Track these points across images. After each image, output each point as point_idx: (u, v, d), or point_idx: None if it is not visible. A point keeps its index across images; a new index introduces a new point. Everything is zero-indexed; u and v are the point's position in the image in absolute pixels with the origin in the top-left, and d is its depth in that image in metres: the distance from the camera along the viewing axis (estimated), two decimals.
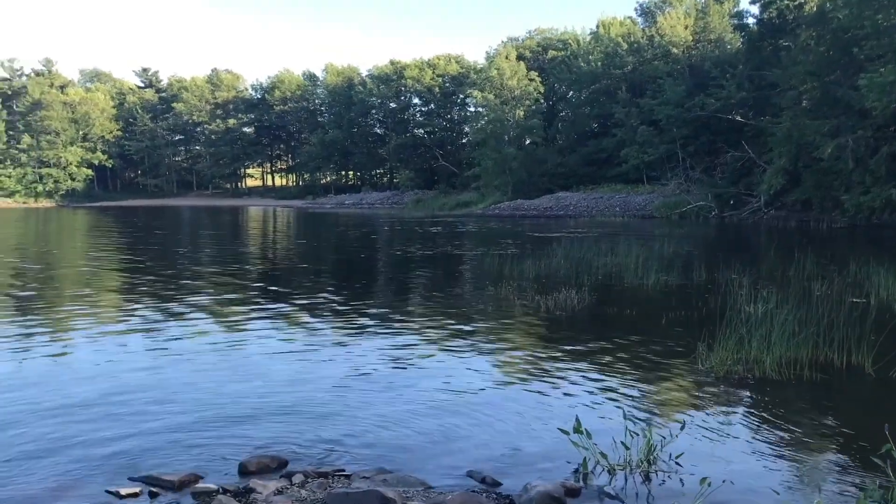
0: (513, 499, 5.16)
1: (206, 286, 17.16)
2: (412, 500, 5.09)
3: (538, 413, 7.19)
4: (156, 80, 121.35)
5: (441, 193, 78.27)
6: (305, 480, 5.55)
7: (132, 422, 6.79)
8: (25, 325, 11.90)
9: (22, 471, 5.63)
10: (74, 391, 7.83)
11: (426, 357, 9.59)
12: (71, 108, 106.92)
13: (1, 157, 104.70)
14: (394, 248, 29.16)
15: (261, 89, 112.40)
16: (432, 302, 14.80)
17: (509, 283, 15.81)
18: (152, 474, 5.53)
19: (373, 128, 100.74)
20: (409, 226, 43.46)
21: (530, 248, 24.91)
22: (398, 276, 20.12)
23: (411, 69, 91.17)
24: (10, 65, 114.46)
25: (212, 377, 8.55)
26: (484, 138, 70.61)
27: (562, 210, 57.04)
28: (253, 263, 23.41)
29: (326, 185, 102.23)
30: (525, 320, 12.51)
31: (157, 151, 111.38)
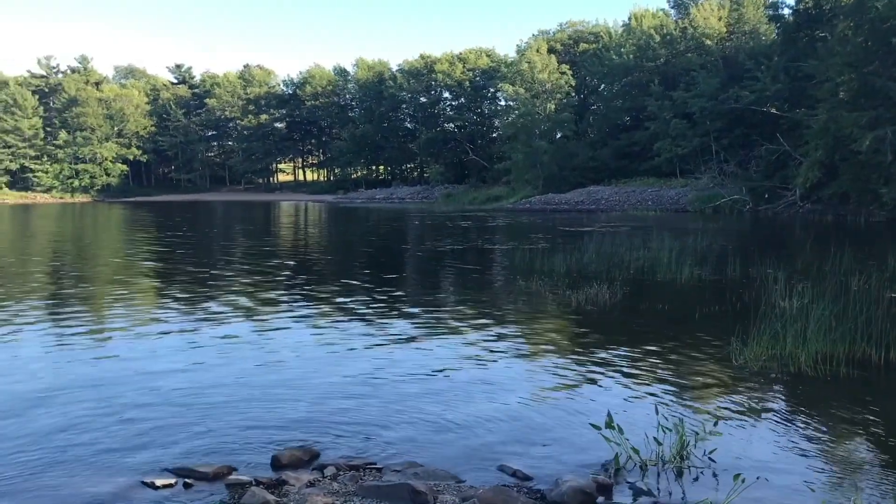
0: (544, 493, 5.15)
1: (238, 280, 17.33)
2: (443, 494, 5.10)
3: (569, 408, 7.16)
4: (189, 77, 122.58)
5: (471, 188, 78.16)
6: (337, 473, 5.59)
7: (167, 414, 6.89)
8: (63, 319, 12.11)
9: (60, 461, 5.74)
10: (109, 384, 7.95)
11: (456, 351, 9.59)
12: (106, 105, 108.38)
13: (38, 153, 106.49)
14: (424, 242, 29.19)
15: (292, 84, 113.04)
16: (463, 296, 14.79)
17: (540, 277, 15.76)
18: (187, 466, 5.61)
19: (403, 122, 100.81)
20: (440, 220, 43.48)
21: (561, 242, 24.80)
22: (428, 270, 20.14)
23: (442, 63, 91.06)
24: (47, 62, 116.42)
25: (244, 370, 8.63)
26: (514, 132, 70.32)
27: (593, 204, 56.64)
28: (285, 258, 23.58)
29: (357, 180, 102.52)
30: (556, 315, 12.46)
31: (191, 147, 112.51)
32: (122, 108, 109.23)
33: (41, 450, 5.96)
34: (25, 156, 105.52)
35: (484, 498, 4.82)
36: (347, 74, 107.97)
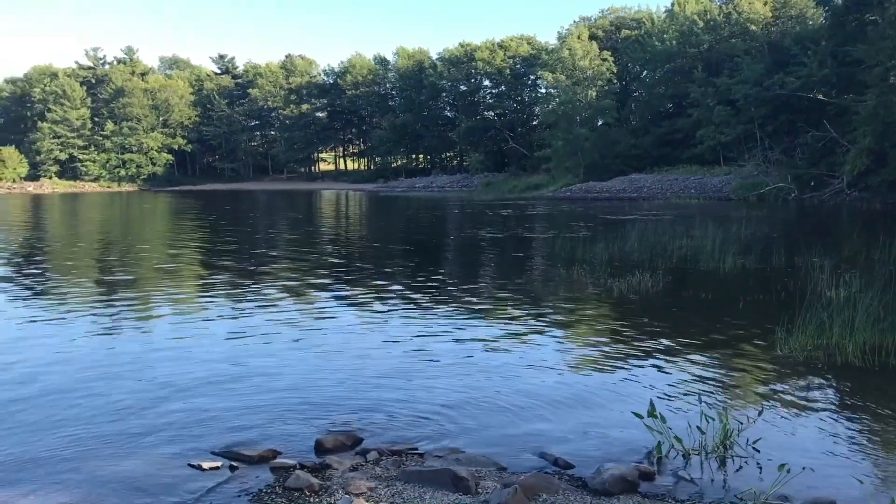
0: (585, 481, 5.16)
1: (281, 267, 17.54)
2: (484, 480, 5.14)
3: (611, 396, 7.14)
4: (232, 67, 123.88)
5: (511, 176, 77.86)
6: (380, 458, 5.66)
7: (213, 398, 7.02)
8: (111, 305, 12.39)
9: (107, 444, 5.89)
10: (157, 368, 8.13)
11: (497, 339, 9.61)
12: (151, 95, 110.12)
13: (86, 143, 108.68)
14: (464, 230, 29.21)
15: (333, 74, 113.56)
16: (502, 284, 14.79)
17: (581, 266, 15.69)
18: (233, 449, 5.72)
19: (443, 111, 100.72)
20: (479, 209, 43.44)
21: (602, 230, 24.63)
22: (468, 258, 20.16)
23: (482, 51, 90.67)
24: (94, 54, 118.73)
25: (287, 355, 8.76)
26: (555, 120, 69.85)
27: (635, 192, 56.08)
28: (327, 246, 23.79)
29: (397, 169, 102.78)
30: (597, 303, 12.41)
31: (234, 136, 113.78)
32: (167, 98, 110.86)
33: (90, 433, 6.12)
34: (74, 146, 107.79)
35: (526, 484, 4.84)
36: (388, 63, 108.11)
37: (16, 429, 6.19)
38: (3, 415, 6.53)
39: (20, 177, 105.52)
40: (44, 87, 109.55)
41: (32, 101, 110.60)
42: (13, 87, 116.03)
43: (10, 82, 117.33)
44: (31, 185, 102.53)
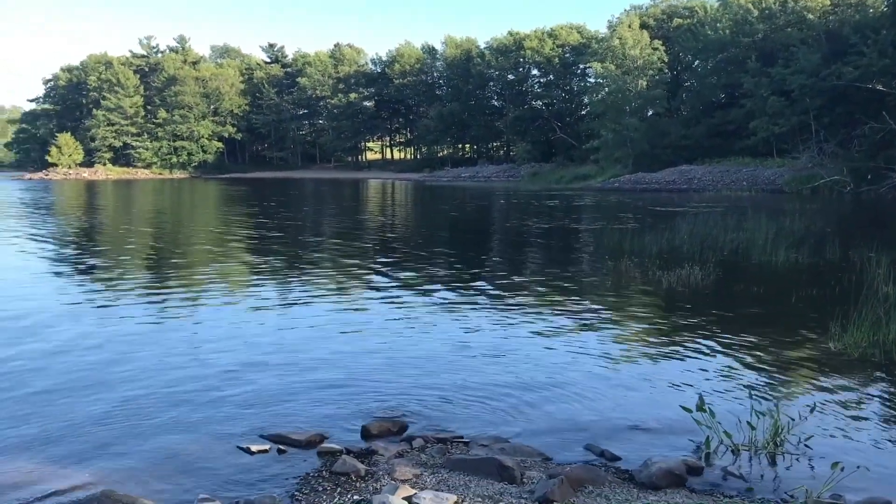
0: (632, 473, 5.11)
1: (329, 255, 17.71)
2: (530, 470, 5.13)
3: (659, 389, 7.07)
4: (281, 56, 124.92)
5: (558, 166, 77.22)
6: (425, 445, 5.68)
7: (262, 384, 7.13)
8: (164, 290, 12.65)
9: (160, 425, 6.02)
10: (208, 353, 8.28)
11: (543, 329, 9.57)
12: (203, 84, 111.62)
13: (139, 130, 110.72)
14: (510, 221, 29.11)
15: (381, 63, 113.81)
16: (549, 275, 14.70)
17: (629, 257, 15.52)
18: (281, 433, 5.80)
19: (490, 100, 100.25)
20: (525, 199, 43.24)
21: (651, 222, 24.33)
22: (514, 248, 20.09)
23: (531, 40, 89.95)
24: (148, 42, 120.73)
25: (334, 342, 8.85)
26: (604, 110, 69.01)
27: (685, 184, 55.20)
28: (373, 235, 23.93)
29: (443, 158, 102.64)
30: (646, 295, 12.27)
31: (283, 125, 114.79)
32: (218, 86, 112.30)
33: (141, 413, 6.26)
34: (127, 133, 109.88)
35: (572, 476, 4.82)
36: (436, 52, 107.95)
37: (70, 406, 6.36)
38: (58, 392, 6.71)
39: (75, 163, 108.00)
40: (99, 76, 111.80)
41: (88, 89, 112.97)
42: (69, 75, 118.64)
43: (67, 70, 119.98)
44: (86, 172, 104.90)
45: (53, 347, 8.42)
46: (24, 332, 9.20)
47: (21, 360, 7.85)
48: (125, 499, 4.49)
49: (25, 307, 10.78)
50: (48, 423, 5.98)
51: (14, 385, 6.96)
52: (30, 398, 6.59)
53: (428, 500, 4.42)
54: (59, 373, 7.39)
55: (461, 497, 4.60)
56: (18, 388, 6.89)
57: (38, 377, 7.23)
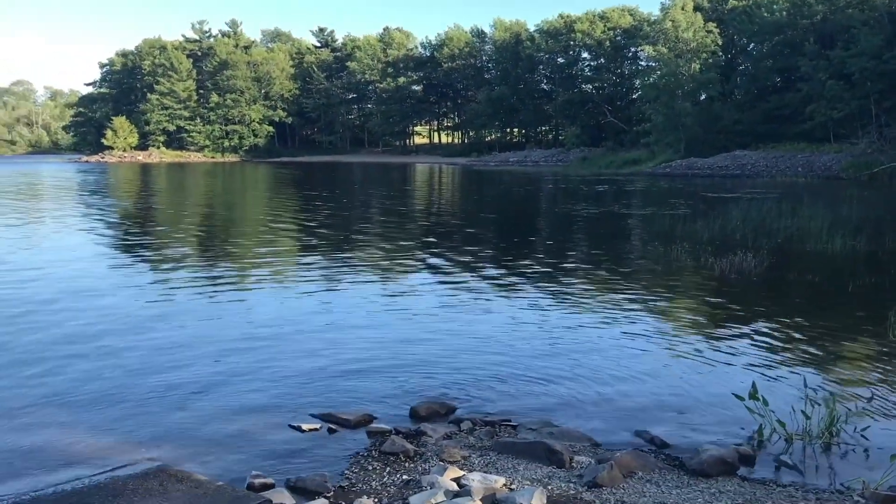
0: (683, 461, 5.06)
1: (375, 239, 17.82)
2: (579, 455, 5.11)
3: (710, 377, 6.97)
4: (331, 40, 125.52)
5: (608, 151, 76.34)
6: (473, 428, 5.70)
7: (312, 364, 7.22)
8: (215, 270, 12.89)
9: (214, 404, 6.14)
10: (259, 332, 8.42)
11: (591, 314, 9.51)
12: (254, 68, 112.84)
13: (192, 114, 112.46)
14: (558, 206, 28.92)
15: (430, 47, 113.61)
16: (598, 260, 14.59)
17: (680, 244, 15.30)
18: (331, 412, 5.87)
19: (539, 84, 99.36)
20: (574, 184, 42.90)
21: (703, 208, 23.94)
22: (562, 233, 19.97)
23: (582, 22, 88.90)
24: (200, 27, 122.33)
25: (383, 324, 8.92)
26: (656, 94, 67.95)
27: (738, 169, 54.15)
28: (420, 218, 24.00)
29: (491, 143, 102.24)
30: (697, 282, 12.10)
31: (332, 109, 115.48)
32: (269, 71, 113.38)
33: (195, 392, 6.39)
34: (181, 117, 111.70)
35: (621, 462, 4.79)
36: (485, 36, 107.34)
37: (126, 385, 6.53)
38: (114, 371, 6.89)
39: (130, 146, 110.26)
40: (153, 60, 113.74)
41: (142, 73, 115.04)
42: (124, 59, 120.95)
43: (122, 55, 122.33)
44: (141, 155, 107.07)
45: (105, 327, 8.63)
46: (80, 312, 9.46)
47: (78, 340, 8.07)
48: (180, 474, 4.59)
49: (83, 286, 11.09)
50: (107, 401, 6.14)
51: (70, 363, 7.16)
52: (87, 378, 6.77)
53: (476, 481, 4.44)
54: (114, 352, 7.58)
55: (509, 479, 4.61)
56: (74, 366, 7.08)
57: (96, 356, 7.43)
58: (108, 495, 4.23)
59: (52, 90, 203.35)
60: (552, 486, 4.54)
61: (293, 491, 4.51)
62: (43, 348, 7.60)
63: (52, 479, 4.62)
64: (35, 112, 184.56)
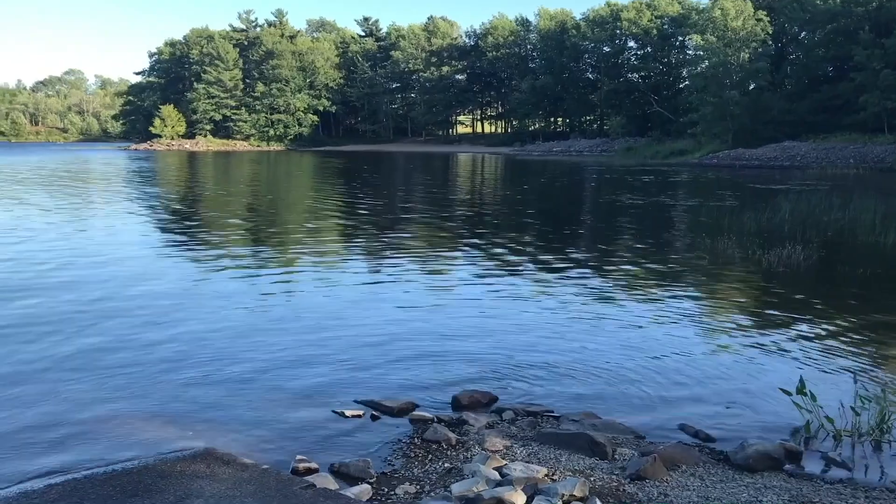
0: (728, 455, 5.00)
1: (418, 228, 17.87)
2: (621, 447, 5.08)
3: (756, 371, 6.87)
4: (376, 29, 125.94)
5: (654, 141, 75.44)
6: (515, 418, 5.70)
7: (356, 352, 7.28)
8: (259, 257, 13.06)
9: (260, 389, 6.23)
10: (303, 319, 8.52)
11: (636, 305, 9.43)
12: (299, 58, 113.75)
13: (238, 103, 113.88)
14: (602, 196, 28.68)
15: (474, 36, 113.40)
16: (643, 251, 14.44)
17: (727, 235, 15.07)
18: (374, 399, 5.92)
19: (584, 73, 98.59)
20: (619, 174, 42.47)
21: (751, 200, 23.53)
22: (606, 224, 19.80)
23: (629, 11, 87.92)
24: (247, 16, 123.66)
25: (424, 312, 8.95)
26: (704, 83, 66.88)
27: (787, 161, 53.09)
28: (460, 208, 23.99)
29: (535, 132, 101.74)
30: (744, 275, 11.92)
31: (375, 98, 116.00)
32: (314, 60, 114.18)
33: (240, 378, 6.49)
34: (227, 106, 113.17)
35: (665, 455, 4.75)
36: (529, 25, 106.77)
37: (174, 369, 6.65)
38: (161, 356, 7.02)
39: (178, 134, 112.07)
40: (200, 49, 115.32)
41: (190, 62, 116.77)
42: (173, 49, 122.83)
43: (170, 44, 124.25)
44: (188, 143, 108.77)
45: (152, 312, 8.80)
46: (129, 297, 9.66)
47: (126, 324, 8.25)
48: (226, 457, 4.68)
49: (131, 271, 11.33)
50: (153, 384, 6.27)
51: (118, 347, 7.32)
52: (134, 361, 6.92)
53: (518, 471, 4.44)
54: (161, 336, 7.73)
55: (552, 470, 4.61)
56: (121, 349, 7.24)
57: (143, 339, 7.59)
58: (156, 476, 4.33)
59: (103, 79, 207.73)
60: (594, 478, 4.53)
61: (337, 476, 4.56)
62: (90, 331, 7.77)
63: (103, 458, 4.74)
64: (86, 100, 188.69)
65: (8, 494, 4.10)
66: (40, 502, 3.96)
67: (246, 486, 4.19)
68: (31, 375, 6.39)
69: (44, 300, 9.21)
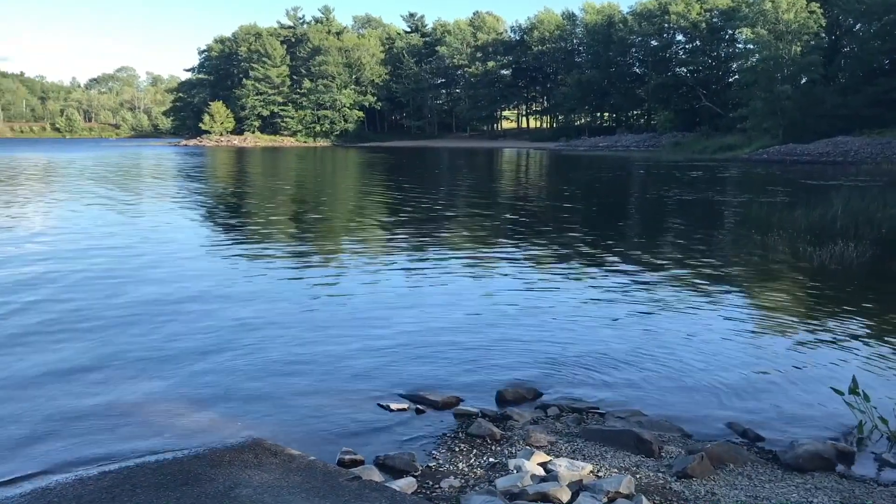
0: (777, 454, 4.92)
1: (463, 222, 17.87)
2: (668, 445, 5.04)
3: (807, 370, 6.74)
4: (421, 25, 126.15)
5: (702, 136, 74.20)
6: (560, 414, 5.68)
7: (401, 347, 7.33)
8: (307, 251, 13.19)
9: (307, 382, 6.31)
10: (350, 314, 8.60)
11: (683, 302, 9.30)
12: (345, 54, 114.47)
13: (285, 99, 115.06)
14: (648, 191, 28.35)
15: (520, 31, 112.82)
16: (690, 247, 14.24)
17: (777, 232, 14.79)
18: (419, 393, 5.96)
19: (631, 67, 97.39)
20: (666, 169, 41.92)
21: (802, 196, 23.04)
22: (653, 219, 19.56)
23: (677, 4, 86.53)
24: (294, 13, 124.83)
25: (469, 307, 8.96)
26: (754, 77, 65.58)
27: (840, 156, 51.81)
28: (504, 203, 23.93)
29: (580, 127, 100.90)
30: (794, 272, 11.68)
31: (421, 94, 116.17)
32: (360, 56, 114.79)
33: (289, 372, 6.58)
34: (274, 102, 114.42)
35: (712, 453, 4.70)
36: (575, 19, 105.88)
37: (219, 360, 6.77)
38: (209, 347, 7.15)
39: (227, 130, 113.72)
40: (249, 46, 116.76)
41: (238, 59, 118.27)
42: (222, 46, 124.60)
43: (219, 41, 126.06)
44: (237, 139, 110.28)
45: (200, 304, 8.96)
46: (177, 289, 9.85)
47: (174, 316, 8.41)
48: (274, 448, 4.75)
49: (180, 263, 11.55)
50: (202, 375, 6.40)
51: (166, 338, 7.48)
52: (183, 352, 7.06)
53: (563, 467, 4.43)
54: (209, 328, 7.87)
55: (597, 466, 4.59)
56: (170, 341, 7.39)
57: (191, 331, 7.73)
58: (206, 465, 4.41)
59: (154, 76, 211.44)
60: (640, 475, 4.49)
61: (382, 468, 4.60)
62: (139, 323, 7.95)
63: (154, 446, 4.85)
64: (137, 97, 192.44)
65: (65, 480, 4.23)
66: (95, 488, 4.07)
67: (293, 477, 4.25)
68: (86, 366, 6.57)
69: (103, 294, 9.45)
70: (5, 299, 8.96)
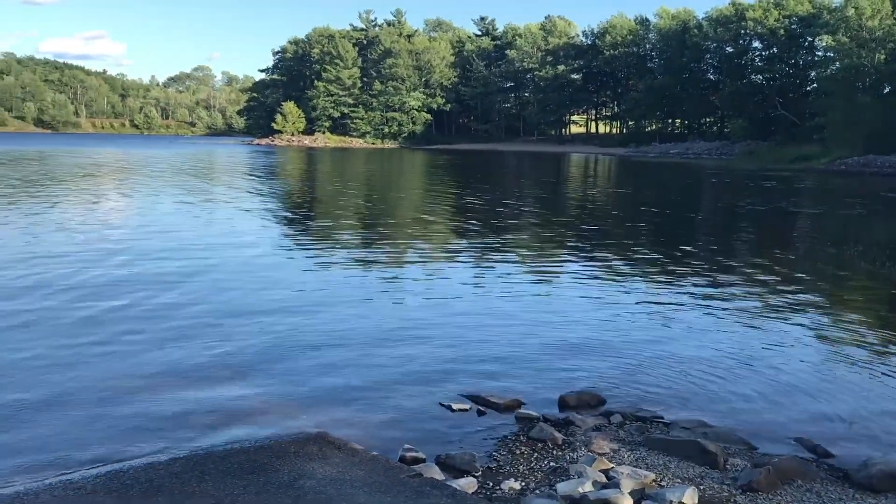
0: (848, 473, 4.77)
1: (528, 226, 17.83)
2: (734, 457, 4.94)
3: (881, 387, 6.51)
4: (492, 29, 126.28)
5: (777, 145, 72.32)
6: (623, 422, 5.62)
7: (464, 346, 7.36)
8: (370, 251, 13.35)
9: (369, 377, 6.39)
10: (413, 314, 8.69)
11: (752, 314, 9.09)
12: (415, 56, 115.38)
13: (355, 101, 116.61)
14: (720, 200, 27.78)
15: (591, 35, 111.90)
16: (762, 258, 13.90)
17: (854, 246, 14.34)
18: (481, 395, 5.97)
19: (705, 73, 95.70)
20: (739, 178, 40.99)
21: (882, 209, 22.28)
22: (724, 229, 19.17)
23: (754, 10, 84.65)
24: (367, 16, 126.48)
25: (533, 311, 8.94)
26: (833, 86, 63.63)
27: None
28: (569, 209, 23.77)
29: (651, 134, 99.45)
30: (870, 287, 11.32)
31: (489, 97, 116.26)
32: (430, 59, 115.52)
33: (355, 369, 6.67)
34: (345, 103, 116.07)
35: (780, 467, 4.59)
36: (649, 24, 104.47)
37: (284, 355, 6.91)
38: (275, 342, 7.31)
39: (298, 131, 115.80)
40: (321, 48, 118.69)
41: (311, 60, 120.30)
42: (295, 47, 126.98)
43: (293, 43, 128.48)
44: (307, 139, 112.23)
45: (268, 301, 9.16)
46: (244, 285, 10.09)
47: (241, 311, 8.62)
48: (337, 442, 4.82)
49: (248, 260, 11.83)
50: (267, 368, 6.55)
51: (235, 332, 7.67)
52: (249, 346, 7.23)
53: (625, 475, 4.39)
54: (276, 323, 8.04)
55: (660, 476, 4.53)
56: (238, 335, 7.58)
57: (259, 326, 7.91)
58: (272, 456, 4.51)
59: (229, 76, 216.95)
60: (704, 486, 4.42)
61: (443, 467, 4.63)
62: (208, 317, 8.16)
63: (222, 436, 4.98)
64: (213, 96, 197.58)
65: (137, 465, 4.37)
66: (165, 473, 4.20)
67: (356, 471, 4.31)
68: (158, 356, 6.79)
69: (174, 289, 9.75)
70: (95, 302, 9.33)
